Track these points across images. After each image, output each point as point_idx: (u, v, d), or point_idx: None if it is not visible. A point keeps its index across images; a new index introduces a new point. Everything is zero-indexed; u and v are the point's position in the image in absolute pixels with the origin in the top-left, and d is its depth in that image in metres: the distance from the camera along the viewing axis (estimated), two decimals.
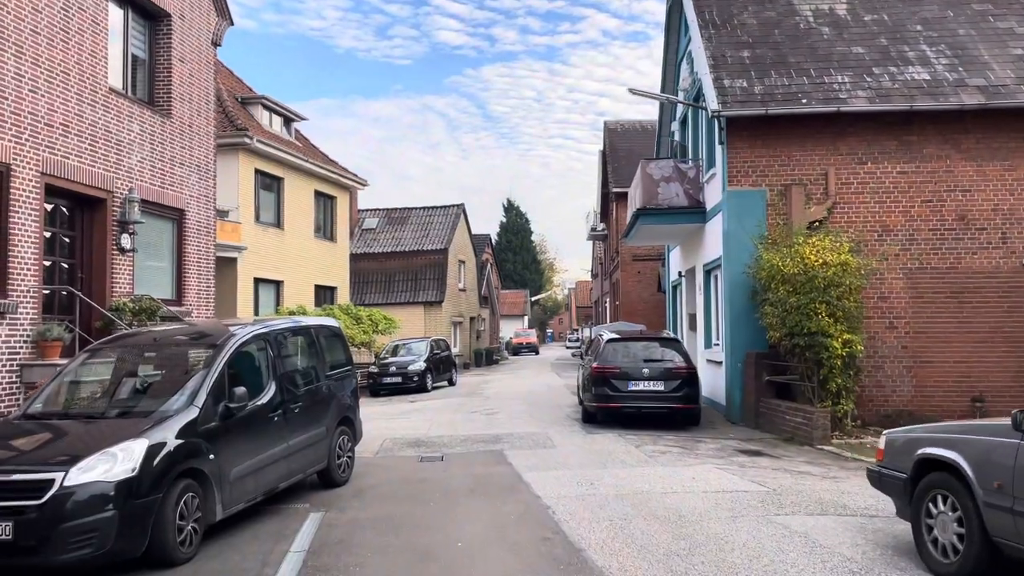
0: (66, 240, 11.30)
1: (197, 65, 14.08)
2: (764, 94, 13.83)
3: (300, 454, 8.06)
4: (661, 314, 27.94)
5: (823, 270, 11.80)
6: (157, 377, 7.45)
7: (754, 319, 13.12)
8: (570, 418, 14.74)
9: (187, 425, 6.40)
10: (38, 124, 10.17)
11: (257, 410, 7.36)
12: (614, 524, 6.85)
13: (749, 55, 14.80)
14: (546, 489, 8.38)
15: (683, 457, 10.45)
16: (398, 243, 37.29)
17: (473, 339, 43.55)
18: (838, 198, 13.70)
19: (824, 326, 11.60)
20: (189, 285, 13.74)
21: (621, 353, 13.53)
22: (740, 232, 13.55)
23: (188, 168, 13.76)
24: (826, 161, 13.77)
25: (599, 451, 10.93)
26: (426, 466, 10.25)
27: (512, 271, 77.44)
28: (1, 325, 9.53)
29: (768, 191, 13.79)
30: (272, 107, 24.48)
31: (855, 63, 14.48)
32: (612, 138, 35.26)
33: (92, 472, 5.66)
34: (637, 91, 15.13)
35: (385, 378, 23.34)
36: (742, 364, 13.53)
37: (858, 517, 7.09)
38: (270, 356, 7.89)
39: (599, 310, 47.16)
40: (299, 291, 24.07)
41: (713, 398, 15.29)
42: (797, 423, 11.95)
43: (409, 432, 13.41)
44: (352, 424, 9.53)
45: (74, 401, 7.13)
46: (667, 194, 16.10)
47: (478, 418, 15.33)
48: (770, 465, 9.98)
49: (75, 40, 10.94)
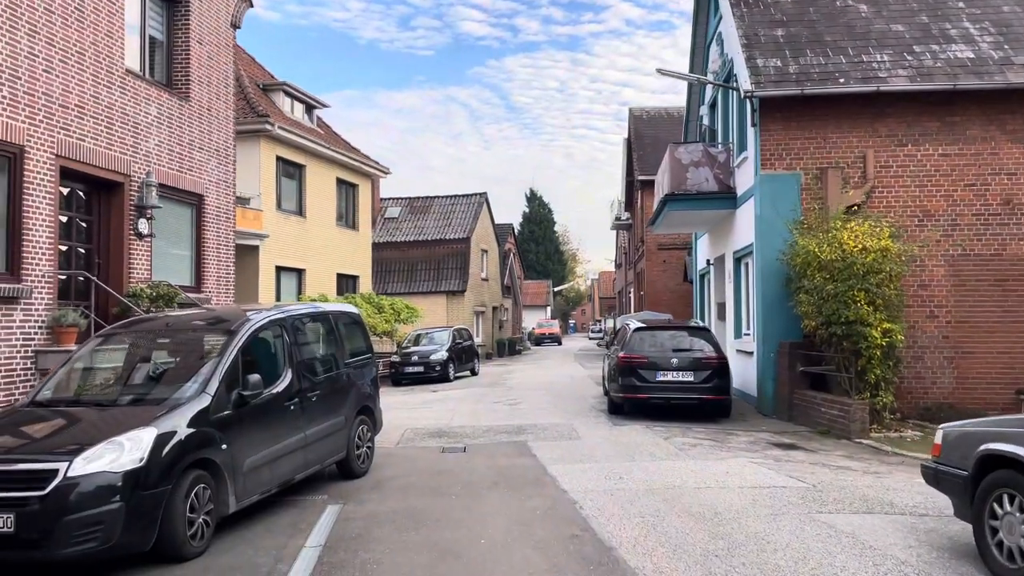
0: (83, 225, 11.10)
1: (216, 47, 13.82)
2: (799, 73, 13.28)
3: (317, 444, 7.77)
4: (687, 304, 27.42)
5: (862, 256, 11.28)
6: (169, 364, 7.18)
7: (787, 308, 12.64)
8: (595, 409, 14.36)
9: (199, 414, 6.12)
10: (53, 105, 9.94)
11: (272, 398, 7.07)
12: (646, 521, 6.47)
13: (783, 34, 14.24)
14: (573, 483, 8.02)
15: (715, 450, 10.03)
16: (420, 232, 37.02)
17: (496, 329, 43.25)
18: (877, 182, 13.15)
19: (863, 315, 11.10)
20: (208, 272, 13.51)
21: (648, 342, 13.11)
22: (773, 217, 13.05)
23: (207, 152, 13.51)
24: (864, 143, 13.20)
25: (626, 443, 10.54)
26: (448, 457, 9.94)
27: (535, 261, 76.99)
28: (15, 310, 9.33)
29: (803, 175, 13.26)
30: (294, 94, 24.24)
31: (895, 41, 13.88)
32: (637, 125, 34.66)
33: (98, 462, 5.39)
34: (665, 71, 14.65)
35: (407, 368, 23.09)
36: (775, 354, 13.05)
37: (907, 516, 6.65)
38: (286, 343, 7.60)
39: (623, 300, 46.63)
40: (321, 280, 23.87)
41: (743, 389, 14.82)
42: (833, 416, 11.48)
43: (431, 422, 13.12)
44: (372, 413, 9.23)
45: (84, 388, 6.88)
46: (696, 179, 15.61)
47: (501, 408, 15.00)
48: (807, 459, 9.54)
49: (91, 20, 10.69)
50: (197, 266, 13.34)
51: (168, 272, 12.40)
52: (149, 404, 6.30)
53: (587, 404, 15.25)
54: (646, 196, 32.08)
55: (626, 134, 38.23)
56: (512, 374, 25.81)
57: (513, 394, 17.91)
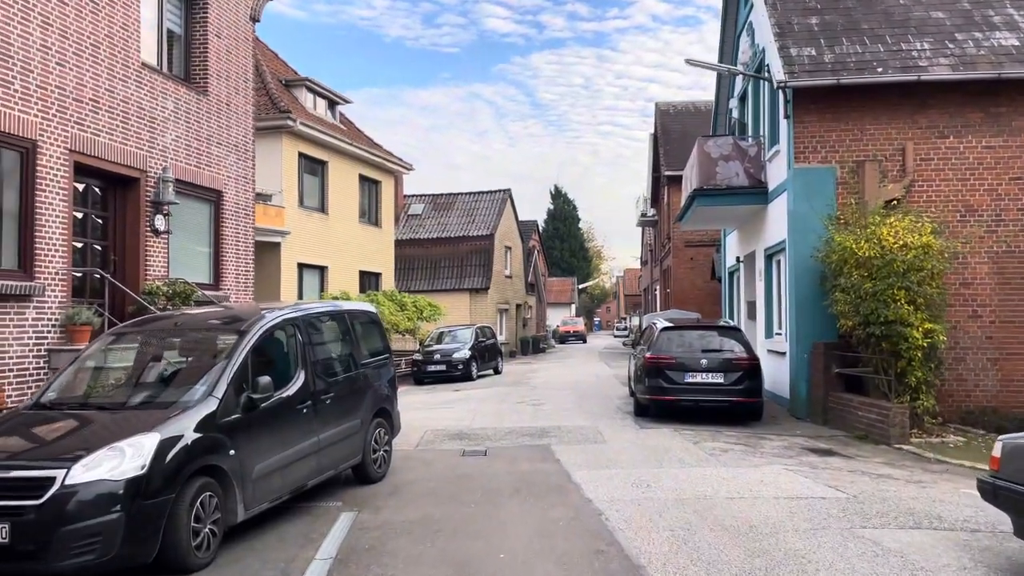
0: (98, 221, 10.92)
1: (234, 41, 13.59)
2: (835, 63, 12.76)
3: (332, 449, 7.47)
4: (715, 302, 26.85)
5: (902, 253, 10.77)
6: (176, 365, 6.91)
7: (822, 307, 12.14)
8: (621, 411, 13.95)
9: (205, 418, 5.83)
10: (66, 99, 9.74)
11: (284, 401, 6.78)
12: (676, 535, 6.08)
13: (817, 22, 13.71)
14: (598, 491, 7.64)
15: (747, 456, 9.59)
16: (443, 229, 36.74)
17: (519, 327, 42.88)
18: (916, 175, 12.59)
19: (903, 314, 10.59)
20: (227, 269, 13.30)
21: (676, 342, 12.66)
22: (807, 213, 12.54)
23: (225, 148, 13.30)
24: (903, 135, 12.65)
25: (654, 448, 10.13)
26: (468, 461, 9.60)
27: (559, 258, 76.48)
28: (28, 308, 9.14)
29: (838, 168, 12.74)
30: (316, 89, 24.05)
31: (935, 29, 13.29)
32: (664, 120, 34.07)
33: (97, 469, 5.12)
34: (695, 62, 14.16)
35: (429, 366, 22.82)
36: (808, 355, 12.55)
37: (958, 531, 6.19)
38: (300, 343, 7.30)
39: (649, 298, 46.05)
40: (343, 277, 23.68)
41: (775, 391, 14.32)
42: (871, 420, 10.97)
43: (452, 423, 12.80)
44: (389, 416, 8.91)
45: (88, 390, 6.62)
46: (726, 173, 15.11)
47: (524, 409, 14.64)
48: (844, 466, 9.08)
49: (105, 12, 10.49)
50: (215, 263, 13.13)
51: (186, 269, 12.20)
52: (154, 407, 6.03)
53: (612, 405, 14.84)
54: (673, 192, 31.51)
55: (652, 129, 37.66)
56: (536, 373, 25.45)
57: (536, 394, 17.55)
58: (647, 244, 48.44)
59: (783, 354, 13.82)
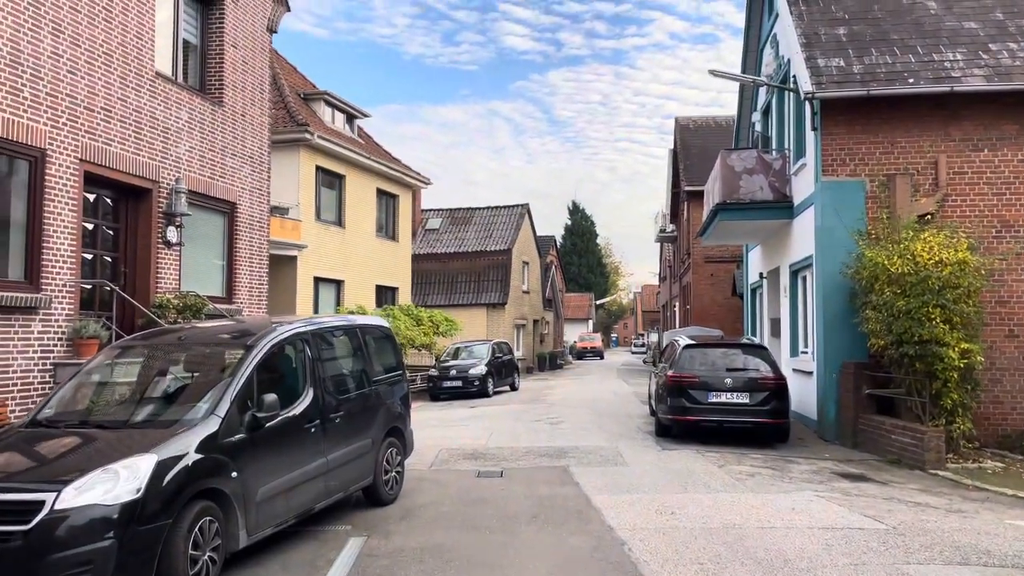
0: (109, 232, 10.72)
1: (251, 52, 13.44)
2: (864, 73, 12.37)
3: (341, 470, 7.14)
4: (736, 319, 26.37)
5: (937, 269, 10.32)
6: (179, 381, 6.63)
7: (851, 325, 11.69)
8: (641, 431, 13.52)
9: (206, 438, 5.53)
10: (77, 108, 9.57)
11: (291, 420, 6.47)
12: (705, 569, 5.68)
13: (845, 32, 13.34)
14: (620, 517, 7.25)
15: (775, 481, 9.16)
16: (461, 243, 36.51)
17: (536, 343, 42.48)
18: (950, 189, 12.15)
19: (939, 333, 10.12)
20: (240, 282, 13.08)
21: (699, 360, 12.25)
22: (836, 227, 12.12)
23: (240, 159, 13.11)
24: (936, 148, 12.22)
25: (677, 471, 9.72)
26: (484, 483, 9.24)
27: (577, 274, 76.06)
28: (34, 321, 8.93)
29: (868, 182, 12.33)
30: (335, 103, 23.94)
31: (968, 39, 12.88)
32: (684, 135, 33.72)
33: (89, 493, 4.82)
34: (719, 72, 13.83)
35: (445, 382, 22.49)
36: (837, 375, 12.09)
37: (1010, 568, 5.74)
38: (309, 358, 7.00)
39: (667, 314, 45.50)
40: (360, 291, 23.45)
41: (801, 412, 13.83)
42: (905, 443, 10.49)
43: (467, 442, 12.44)
44: (402, 435, 8.58)
45: (87, 406, 6.33)
46: (750, 187, 14.72)
47: (541, 428, 14.25)
48: (879, 493, 8.62)
49: (119, 20, 10.33)
50: (228, 276, 12.91)
51: (198, 282, 11.98)
52: (151, 427, 5.75)
53: (633, 425, 14.42)
54: (693, 207, 31.13)
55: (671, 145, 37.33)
56: (553, 390, 25.04)
57: (554, 412, 17.15)
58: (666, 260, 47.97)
59: (810, 373, 13.35)
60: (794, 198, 14.46)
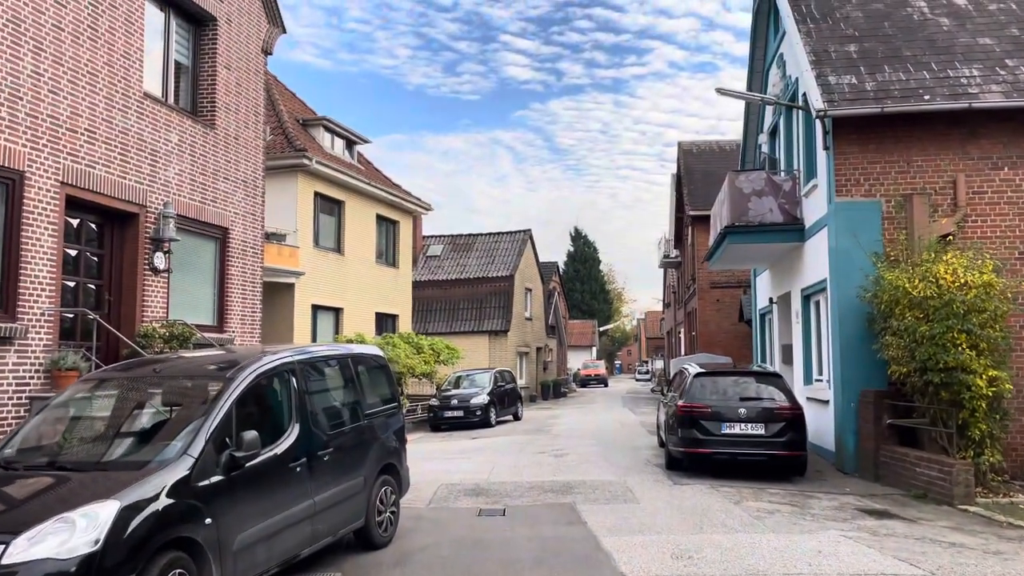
0: (93, 258, 10.27)
1: (245, 73, 13.09)
2: (877, 90, 11.97)
3: (330, 512, 6.60)
4: (743, 345, 25.82)
5: (962, 293, 9.82)
6: (152, 418, 6.11)
7: (870, 351, 11.17)
8: (651, 463, 12.92)
9: (178, 481, 5.02)
10: (59, 128, 9.17)
11: (274, 459, 5.95)
12: None
13: (856, 49, 12.97)
14: (632, 563, 6.68)
15: (796, 519, 8.57)
16: (462, 270, 36.06)
17: (539, 370, 41.84)
18: (969, 209, 11.67)
19: (965, 360, 9.60)
20: (232, 310, 12.60)
21: (710, 389, 11.70)
22: (851, 249, 11.63)
23: (233, 183, 12.70)
24: (954, 167, 11.78)
25: (691, 508, 9.13)
26: (485, 522, 8.67)
27: (580, 301, 75.53)
28: (8, 351, 8.44)
29: (883, 202, 11.87)
30: (334, 129, 23.62)
31: (983, 55, 12.49)
32: (687, 160, 33.41)
33: (42, 546, 4.32)
34: (725, 91, 13.43)
35: (446, 412, 21.89)
36: (856, 404, 11.52)
37: None
38: (295, 391, 6.49)
39: (672, 341, 44.89)
40: (359, 319, 22.95)
41: (816, 443, 13.23)
42: (931, 477, 9.90)
43: (468, 476, 11.86)
44: (397, 472, 8.03)
45: (50, 446, 5.81)
46: (759, 209, 14.27)
47: (546, 460, 13.66)
48: (908, 532, 8.03)
49: (105, 39, 9.97)
50: (220, 304, 12.44)
51: (187, 310, 11.51)
52: (118, 468, 5.23)
53: (641, 457, 13.81)
54: (697, 232, 30.70)
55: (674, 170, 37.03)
56: (557, 419, 24.40)
57: (559, 443, 16.55)
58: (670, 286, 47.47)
59: (825, 402, 12.79)
60: (805, 220, 14.00)
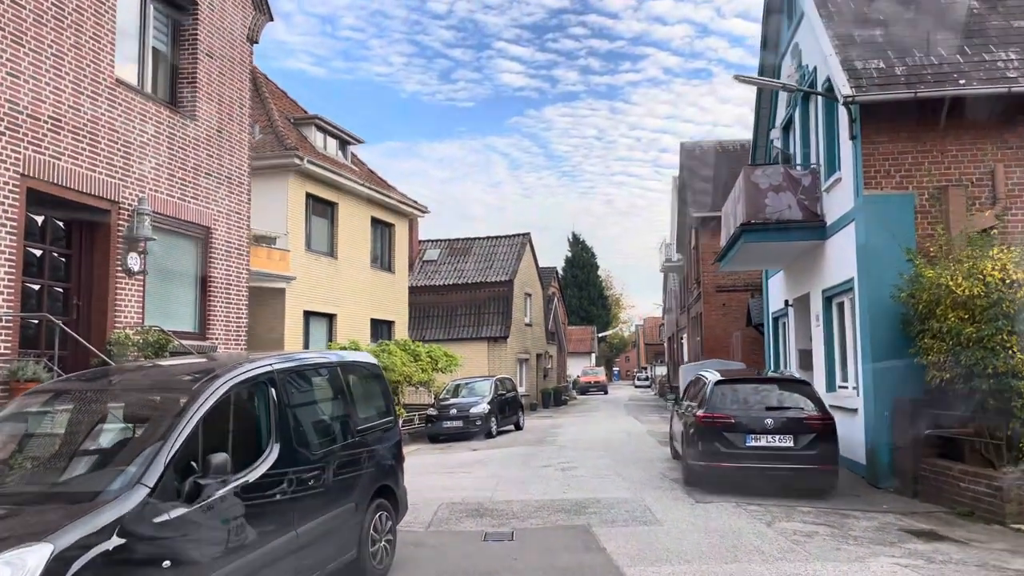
0: (60, 259, 9.40)
1: (229, 62, 12.24)
2: (909, 75, 11.16)
3: (316, 546, 5.71)
4: (752, 351, 24.94)
5: (1011, 291, 8.98)
6: (109, 438, 5.23)
7: (904, 355, 10.31)
8: (667, 478, 12.03)
9: (129, 515, 4.14)
10: (18, 115, 8.31)
11: (248, 486, 5.06)
12: None
13: (882, 33, 12.16)
14: None
15: (839, 542, 7.70)
16: (460, 275, 35.19)
17: (540, 378, 40.94)
18: (1009, 202, 10.86)
19: (1017, 365, 8.75)
20: (215, 316, 11.73)
21: (731, 398, 10.83)
22: (883, 246, 10.80)
23: (216, 179, 11.84)
24: (992, 156, 10.97)
25: (720, 531, 8.25)
26: (491, 548, 7.79)
27: (578, 306, 74.57)
28: None
29: (916, 195, 11.04)
30: (327, 128, 22.79)
31: (1019, 37, 11.70)
32: (689, 161, 32.66)
33: None
34: (744, 78, 12.58)
35: (445, 422, 20.99)
36: (890, 413, 10.67)
37: None
38: (275, 404, 5.61)
39: (674, 346, 44.03)
40: (353, 325, 22.05)
41: (845, 455, 12.26)
42: (978, 493, 9.04)
43: (470, 493, 10.97)
44: (393, 495, 7.15)
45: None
46: (777, 206, 13.43)
47: (553, 475, 12.77)
48: (963, 557, 7.18)
49: (72, 20, 9.12)
50: (202, 309, 11.57)
51: (166, 316, 10.64)
52: (59, 501, 4.34)
53: (655, 470, 12.93)
54: (701, 234, 29.93)
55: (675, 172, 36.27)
56: (561, 428, 23.50)
57: (565, 455, 15.66)
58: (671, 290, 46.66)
59: (853, 411, 11.93)
60: (827, 217, 13.16)
